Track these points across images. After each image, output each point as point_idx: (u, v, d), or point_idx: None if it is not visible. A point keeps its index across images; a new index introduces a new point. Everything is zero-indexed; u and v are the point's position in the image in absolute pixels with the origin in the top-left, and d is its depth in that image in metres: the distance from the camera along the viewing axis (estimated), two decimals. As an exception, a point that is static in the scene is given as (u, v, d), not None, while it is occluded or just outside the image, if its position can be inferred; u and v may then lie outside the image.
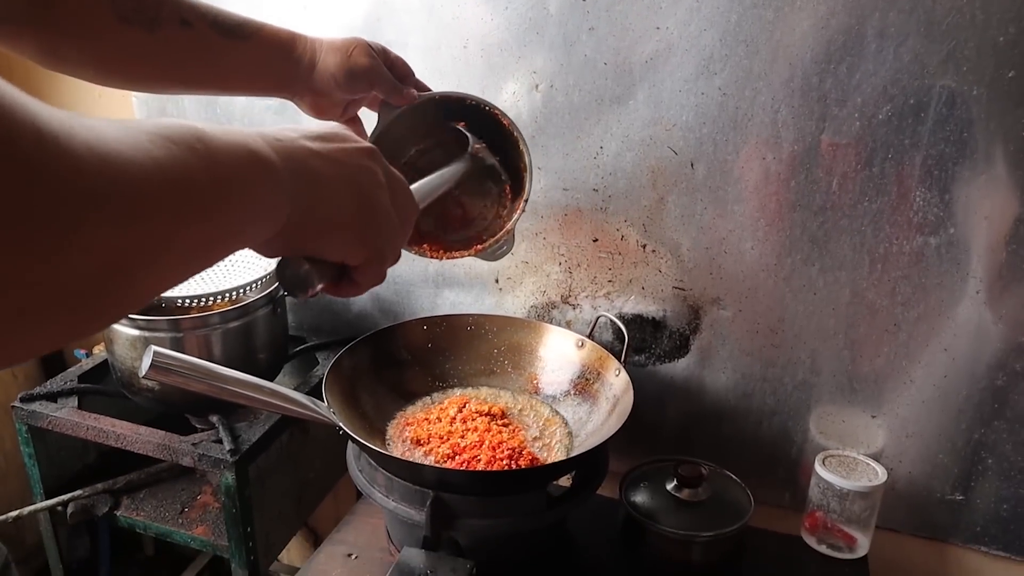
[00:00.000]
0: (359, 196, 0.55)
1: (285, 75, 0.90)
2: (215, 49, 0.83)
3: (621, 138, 1.17)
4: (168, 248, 0.38)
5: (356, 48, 0.91)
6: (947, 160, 1.02)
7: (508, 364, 1.27)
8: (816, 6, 1.02)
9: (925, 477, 1.18)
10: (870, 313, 1.12)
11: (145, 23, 0.77)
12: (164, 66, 0.82)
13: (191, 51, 0.82)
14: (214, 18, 0.83)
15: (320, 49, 0.91)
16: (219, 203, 0.42)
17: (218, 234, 0.43)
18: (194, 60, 0.83)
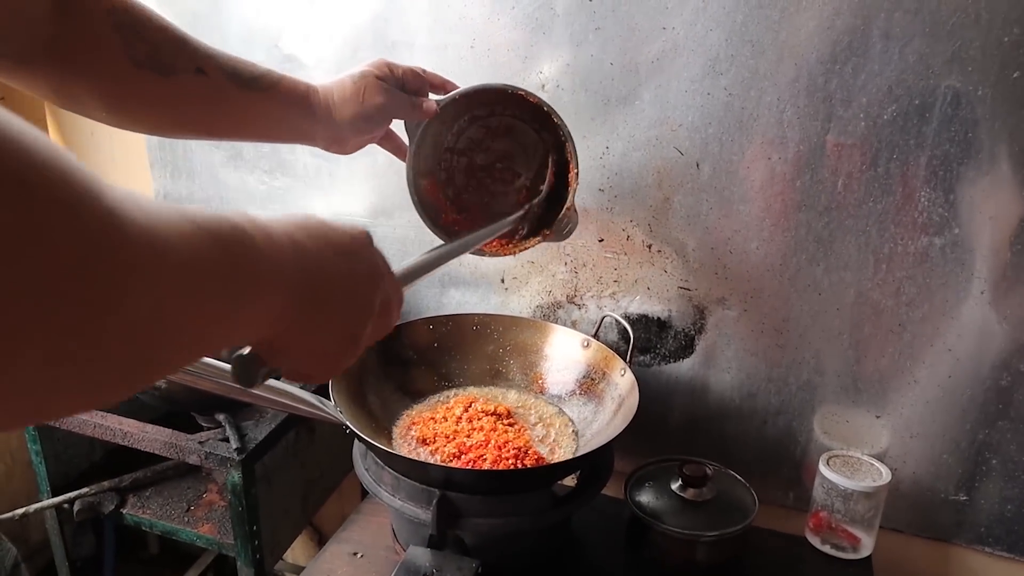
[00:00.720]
0: (348, 331, 0.57)
1: (302, 128, 0.91)
2: (231, 99, 0.83)
3: (627, 138, 1.17)
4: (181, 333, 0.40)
5: (367, 89, 0.91)
6: (952, 160, 1.02)
7: (514, 364, 1.27)
8: (822, 7, 1.02)
9: (929, 477, 1.18)
10: (875, 313, 1.12)
11: (159, 69, 0.77)
12: (177, 112, 0.82)
13: (205, 100, 0.82)
14: (232, 68, 0.83)
15: (333, 100, 0.91)
16: (234, 306, 0.45)
17: (223, 329, 0.45)
18: (208, 109, 0.83)
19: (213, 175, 1.48)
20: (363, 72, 0.92)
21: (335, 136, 0.92)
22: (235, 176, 1.46)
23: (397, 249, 1.39)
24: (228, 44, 1.34)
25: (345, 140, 0.93)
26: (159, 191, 1.53)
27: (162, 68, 0.77)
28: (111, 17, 0.73)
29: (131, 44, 0.74)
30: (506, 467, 1.03)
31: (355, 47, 1.29)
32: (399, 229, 1.37)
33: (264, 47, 1.34)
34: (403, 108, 0.96)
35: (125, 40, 0.74)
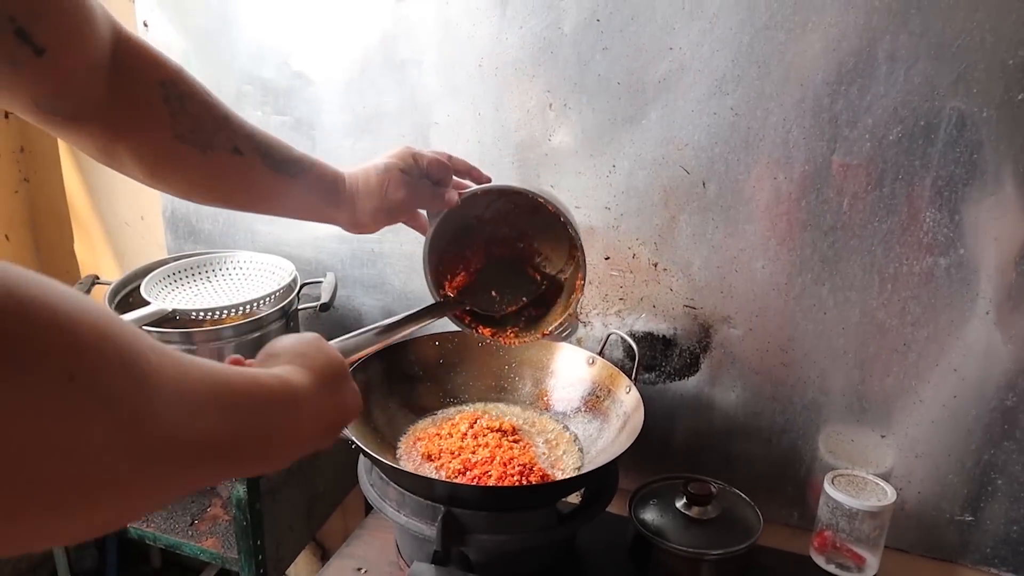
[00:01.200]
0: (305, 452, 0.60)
1: (326, 214, 0.94)
2: (262, 180, 0.87)
3: (634, 157, 1.18)
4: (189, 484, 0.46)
5: (390, 183, 0.94)
6: (957, 181, 1.03)
7: (519, 380, 1.28)
8: (827, 28, 1.03)
9: (935, 497, 1.18)
10: (880, 333, 1.13)
11: (198, 144, 0.80)
12: (210, 186, 0.85)
13: (238, 178, 0.86)
14: (267, 150, 0.86)
15: (358, 191, 0.94)
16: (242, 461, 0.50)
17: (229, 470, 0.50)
18: (241, 187, 0.87)
19: (221, 190, 1.48)
20: (387, 165, 0.94)
21: (357, 222, 0.96)
22: (243, 191, 1.47)
23: (404, 265, 1.39)
24: (238, 61, 1.37)
25: (366, 226, 0.97)
26: (167, 205, 1.54)
27: (201, 144, 0.80)
28: (162, 89, 0.77)
29: (176, 118, 0.78)
30: (511, 484, 1.04)
31: (364, 65, 1.30)
32: (405, 245, 1.37)
33: (274, 64, 1.36)
34: (425, 200, 0.98)
35: (171, 113, 0.78)
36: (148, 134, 0.78)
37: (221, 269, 1.38)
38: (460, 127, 1.27)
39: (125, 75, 0.75)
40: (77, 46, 0.68)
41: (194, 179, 0.84)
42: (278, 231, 1.48)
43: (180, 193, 0.87)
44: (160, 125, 0.78)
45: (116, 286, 1.31)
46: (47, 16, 0.63)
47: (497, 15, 1.19)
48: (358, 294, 1.46)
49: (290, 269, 1.34)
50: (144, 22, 1.42)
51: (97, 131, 0.76)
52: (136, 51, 0.76)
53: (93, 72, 0.71)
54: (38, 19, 0.62)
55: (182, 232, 1.55)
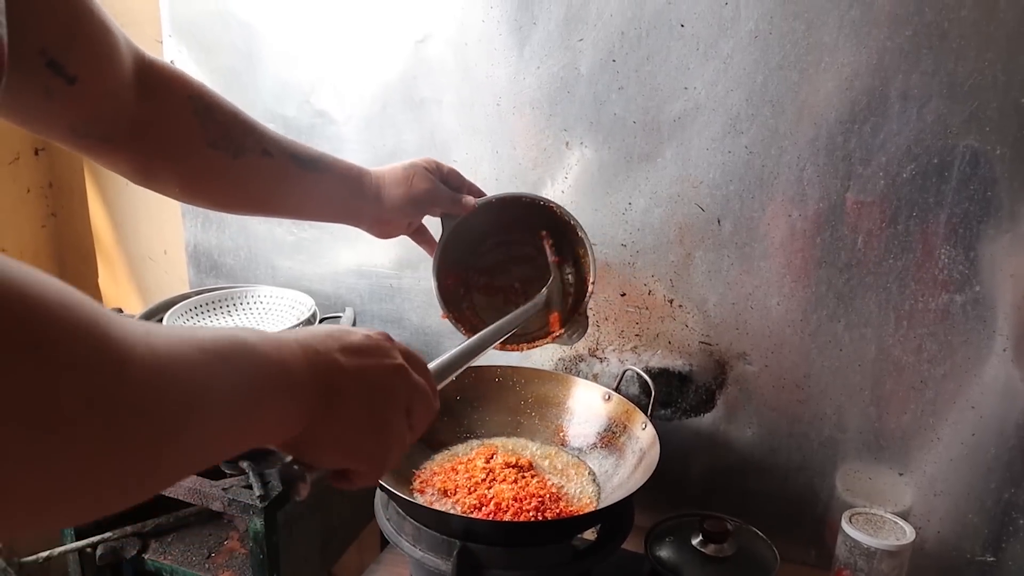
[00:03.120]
0: (375, 419, 0.60)
1: (353, 207, 1.00)
2: (292, 179, 0.91)
3: (649, 194, 1.19)
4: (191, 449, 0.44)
5: (415, 175, 1.01)
6: (971, 218, 1.03)
7: (535, 416, 1.28)
8: (840, 68, 1.04)
9: (955, 537, 1.16)
10: (896, 370, 1.13)
11: (231, 150, 0.85)
12: (243, 190, 0.90)
13: (270, 178, 0.90)
14: (293, 151, 0.91)
15: (384, 183, 1.00)
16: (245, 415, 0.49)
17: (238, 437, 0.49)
18: (272, 187, 0.91)
19: (243, 226, 1.51)
20: (412, 162, 1.02)
21: (381, 216, 1.01)
22: (264, 227, 1.49)
23: (422, 300, 1.41)
24: (261, 99, 1.40)
25: (389, 221, 1.02)
26: (190, 240, 1.57)
27: (233, 149, 0.85)
28: (191, 103, 0.81)
29: (207, 127, 0.82)
30: (527, 519, 1.04)
31: (384, 103, 1.32)
32: (423, 281, 1.39)
33: (296, 102, 1.39)
34: (445, 199, 1.05)
35: (202, 124, 0.82)
36: (181, 145, 0.82)
37: (242, 303, 1.40)
38: (478, 165, 1.29)
39: (152, 94, 0.78)
40: (106, 72, 0.71)
41: (227, 186, 0.88)
42: (298, 266, 1.50)
43: (214, 203, 0.91)
44: (192, 136, 0.82)
45: (139, 319, 1.33)
46: (76, 46, 0.66)
47: (515, 56, 1.21)
48: (376, 327, 1.47)
49: (310, 304, 1.36)
50: (171, 61, 1.46)
51: (133, 151, 0.80)
52: (161, 70, 0.80)
53: (121, 94, 0.75)
54: (68, 50, 0.65)
55: (204, 266, 1.58)
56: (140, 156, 0.81)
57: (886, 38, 1.02)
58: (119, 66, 0.73)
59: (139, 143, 0.79)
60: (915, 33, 1.00)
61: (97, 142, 0.77)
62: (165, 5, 1.44)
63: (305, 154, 0.93)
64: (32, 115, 0.68)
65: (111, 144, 0.78)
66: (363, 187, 0.98)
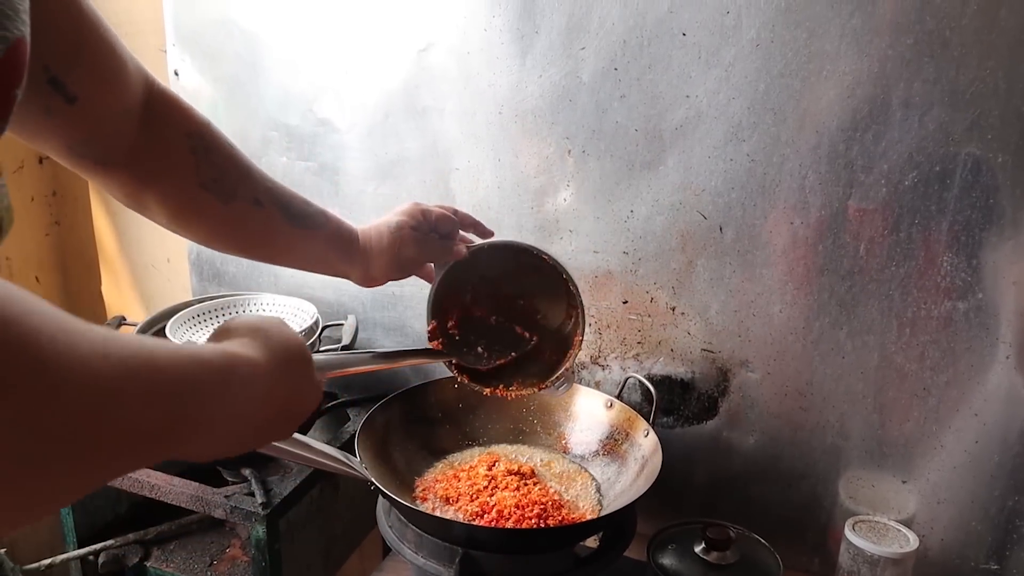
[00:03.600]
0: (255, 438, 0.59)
1: (340, 269, 0.97)
2: (280, 232, 0.89)
3: (651, 202, 1.20)
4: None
5: (402, 243, 0.96)
6: (974, 226, 1.03)
7: (537, 423, 1.28)
8: (842, 76, 1.05)
9: (958, 545, 1.16)
10: (899, 377, 1.13)
11: (221, 194, 0.83)
12: (230, 234, 0.88)
13: (257, 229, 0.88)
14: (286, 204, 0.89)
15: (371, 248, 0.96)
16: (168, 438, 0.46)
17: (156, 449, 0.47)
18: (258, 237, 0.90)
19: (246, 234, 1.51)
20: (399, 223, 0.97)
21: (368, 278, 0.99)
22: (267, 235, 1.49)
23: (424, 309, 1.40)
24: (265, 107, 1.40)
25: (375, 280, 0.99)
26: (192, 248, 1.57)
27: (223, 194, 0.83)
28: (189, 140, 0.80)
29: (201, 168, 0.81)
30: (529, 526, 1.04)
31: (387, 111, 1.33)
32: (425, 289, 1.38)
33: (299, 111, 1.39)
34: (434, 254, 1.02)
35: (197, 163, 0.81)
36: (173, 181, 0.81)
37: (245, 311, 1.40)
38: (480, 173, 1.29)
39: (155, 125, 0.78)
40: (107, 95, 0.71)
41: (214, 227, 0.86)
42: (300, 274, 1.50)
43: (200, 239, 0.89)
44: (185, 173, 0.81)
45: (142, 327, 1.33)
46: (80, 66, 0.66)
47: (517, 65, 1.22)
48: (378, 336, 1.48)
49: (312, 311, 1.36)
50: (175, 71, 1.47)
51: (126, 176, 0.79)
52: (167, 102, 0.79)
53: (123, 120, 0.74)
54: (71, 69, 0.65)
55: (207, 275, 1.58)
56: (132, 183, 0.80)
57: (887, 46, 1.02)
58: (123, 90, 0.73)
59: (133, 170, 0.79)
60: (916, 41, 1.00)
61: (92, 163, 0.76)
62: (169, 14, 1.44)
63: (297, 209, 0.90)
64: (31, 130, 0.68)
65: (106, 167, 0.77)
66: (351, 251, 0.96)
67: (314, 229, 0.92)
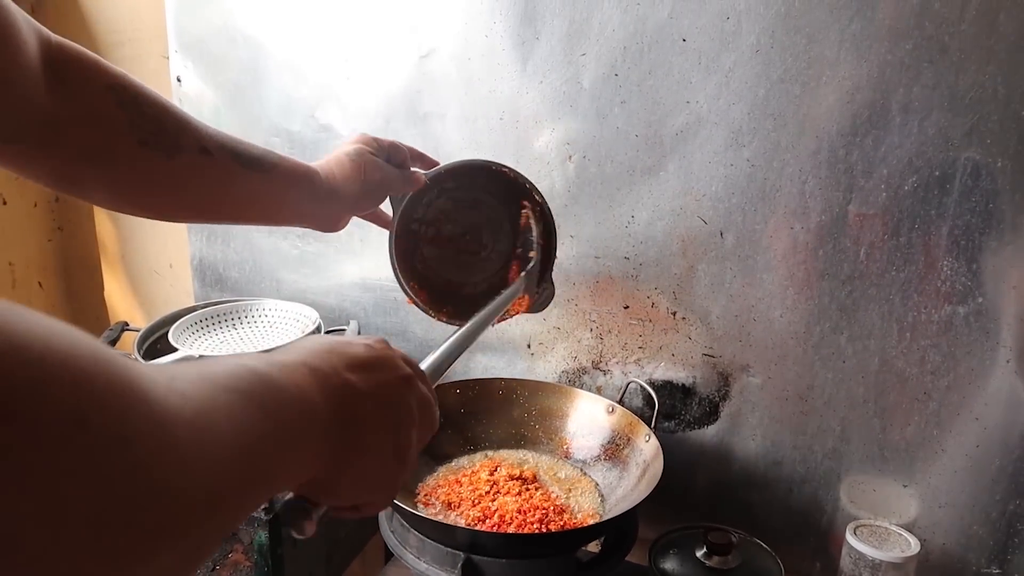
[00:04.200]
0: (398, 446, 0.54)
1: (305, 210, 0.89)
2: (235, 180, 0.80)
3: (652, 208, 1.20)
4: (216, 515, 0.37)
5: (366, 167, 0.90)
6: (974, 230, 1.04)
7: (539, 428, 1.28)
8: (842, 81, 1.05)
9: (960, 549, 1.16)
10: (900, 381, 1.13)
11: (165, 148, 0.73)
12: (180, 194, 0.78)
13: (210, 180, 0.79)
14: (235, 149, 0.80)
15: (335, 180, 0.89)
16: (275, 466, 0.43)
17: (262, 490, 0.42)
18: (212, 189, 0.80)
19: (248, 239, 1.52)
20: (357, 150, 0.91)
21: (333, 215, 0.91)
22: (269, 241, 1.50)
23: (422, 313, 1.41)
24: (267, 114, 1.41)
25: (340, 218, 0.92)
26: (195, 254, 1.58)
27: (168, 148, 0.73)
28: (112, 94, 0.69)
29: (135, 123, 0.70)
30: (531, 531, 1.04)
31: (388, 117, 1.33)
32: (428, 294, 1.39)
33: (301, 117, 1.40)
34: (396, 182, 0.96)
35: (130, 118, 0.70)
36: (108, 146, 0.70)
37: (247, 317, 1.40)
38: (482, 178, 1.30)
39: (68, 84, 0.66)
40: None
41: (163, 191, 0.76)
42: (303, 279, 1.51)
43: (146, 211, 0.79)
44: (118, 132, 0.70)
45: (144, 333, 1.34)
46: None
47: (518, 70, 1.22)
48: (380, 342, 1.48)
49: (314, 317, 1.37)
50: (177, 77, 1.47)
51: (48, 153, 0.68)
52: (74, 57, 0.68)
53: (25, 85, 0.63)
54: None
55: (209, 280, 1.59)
56: (56, 160, 0.69)
57: (887, 52, 1.02)
58: (18, 50, 0.61)
59: (57, 144, 0.67)
60: (916, 47, 1.01)
61: (2, 144, 0.65)
62: (171, 21, 1.45)
63: (246, 152, 0.80)
64: None
65: (20, 146, 0.66)
66: (315, 187, 0.86)
67: (270, 170, 0.82)
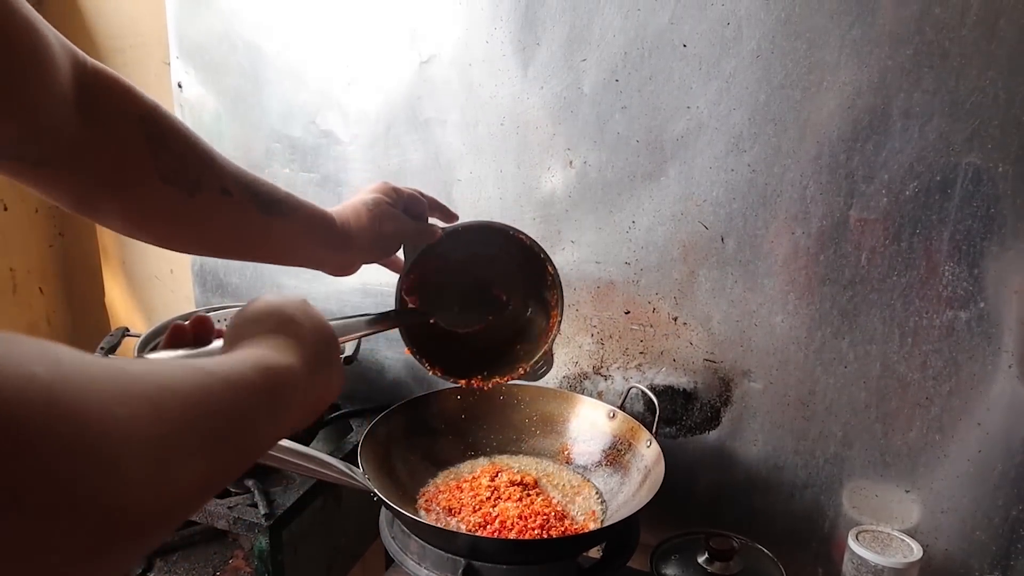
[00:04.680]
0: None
1: (319, 255, 0.90)
2: (253, 222, 0.80)
3: (653, 213, 1.20)
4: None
5: (382, 218, 0.91)
6: (975, 235, 1.04)
7: (540, 434, 1.28)
8: (842, 86, 1.05)
9: (962, 554, 1.16)
10: (901, 387, 1.12)
11: (186, 186, 0.73)
12: (197, 231, 0.79)
13: (228, 221, 0.79)
14: (255, 191, 0.80)
15: (351, 228, 0.89)
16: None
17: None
18: (229, 230, 0.80)
19: (249, 245, 1.52)
20: (375, 200, 0.92)
21: (347, 262, 0.92)
22: (270, 246, 1.50)
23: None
24: (268, 120, 1.41)
25: (352, 264, 0.93)
26: (196, 260, 1.58)
27: (189, 186, 0.73)
28: (142, 126, 0.70)
29: (159, 157, 0.71)
30: (532, 537, 1.04)
31: (389, 123, 1.33)
32: (428, 299, 1.39)
33: (302, 123, 1.40)
34: (411, 234, 0.97)
35: (153, 152, 0.70)
36: (130, 179, 0.70)
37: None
38: (482, 184, 1.30)
39: (99, 110, 0.67)
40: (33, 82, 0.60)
41: (180, 227, 0.77)
42: (304, 285, 1.51)
43: (162, 243, 0.79)
44: (142, 165, 0.70)
45: (145, 338, 1.33)
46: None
47: (519, 76, 1.22)
48: (381, 348, 1.48)
49: (315, 322, 1.36)
50: (179, 83, 1.47)
51: (72, 179, 0.68)
52: (108, 83, 0.68)
53: (57, 108, 0.63)
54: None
55: (210, 285, 1.59)
56: (81, 185, 0.69)
57: (887, 57, 1.02)
58: (52, 75, 0.61)
59: (81, 170, 0.67)
60: (916, 52, 1.01)
61: (31, 167, 0.65)
62: (172, 27, 1.45)
63: (268, 195, 0.81)
64: None
65: (50, 169, 0.66)
66: (331, 235, 0.87)
67: (288, 215, 0.83)
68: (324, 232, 0.87)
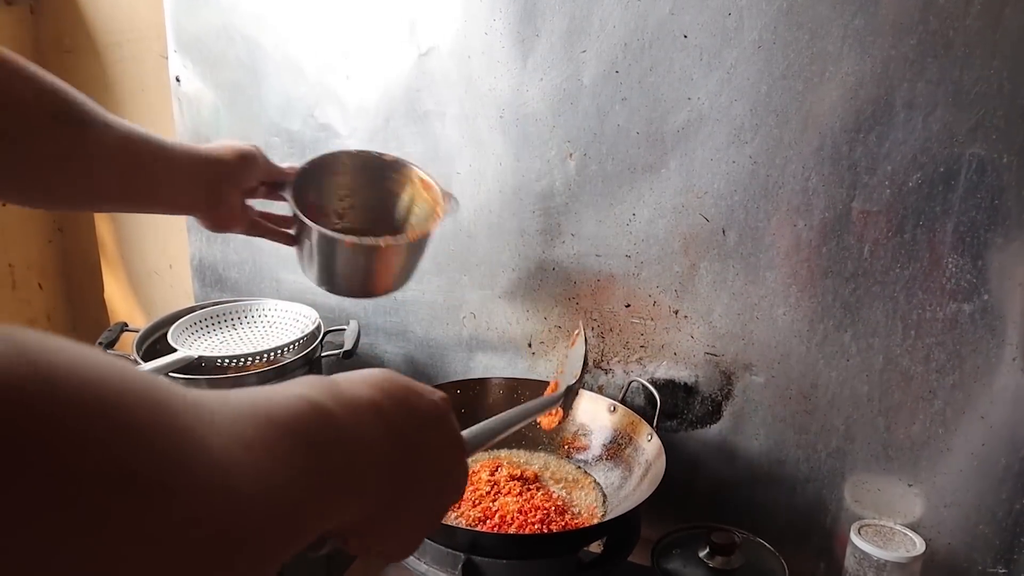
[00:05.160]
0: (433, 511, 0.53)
1: (209, 185, 0.90)
2: (146, 152, 0.79)
3: (653, 205, 1.19)
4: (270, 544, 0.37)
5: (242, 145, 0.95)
6: (979, 227, 1.03)
7: (540, 428, 1.27)
8: (845, 77, 1.04)
9: (965, 548, 1.15)
10: (904, 380, 1.12)
11: (76, 122, 0.70)
12: (93, 174, 0.75)
13: (122, 152, 0.76)
14: (129, 126, 0.78)
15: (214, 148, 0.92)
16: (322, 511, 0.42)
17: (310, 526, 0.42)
18: (125, 163, 0.77)
19: (248, 240, 1.50)
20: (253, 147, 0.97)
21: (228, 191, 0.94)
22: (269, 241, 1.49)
23: (427, 313, 1.40)
24: (266, 113, 1.40)
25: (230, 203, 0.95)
26: (195, 255, 1.57)
27: (79, 122, 0.70)
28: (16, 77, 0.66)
29: (40, 94, 0.67)
30: (532, 532, 1.03)
31: (388, 116, 1.33)
32: (427, 294, 1.39)
33: (300, 116, 1.39)
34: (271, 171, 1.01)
35: (36, 94, 0.67)
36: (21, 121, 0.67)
37: (247, 317, 1.40)
38: (482, 177, 1.29)
39: None
40: None
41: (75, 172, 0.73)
42: (303, 279, 1.49)
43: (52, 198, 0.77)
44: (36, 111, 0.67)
45: (144, 333, 1.33)
46: None
47: (518, 68, 1.21)
48: (381, 341, 1.47)
49: (314, 317, 1.36)
50: (177, 77, 1.46)
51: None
52: None
53: None
54: None
55: (209, 280, 1.58)
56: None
57: (890, 47, 1.01)
58: None
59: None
60: (920, 42, 1.00)
61: None
62: (170, 21, 1.44)
63: (143, 132, 0.79)
64: None
65: None
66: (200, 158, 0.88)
67: (173, 146, 0.83)
68: (207, 160, 0.89)
